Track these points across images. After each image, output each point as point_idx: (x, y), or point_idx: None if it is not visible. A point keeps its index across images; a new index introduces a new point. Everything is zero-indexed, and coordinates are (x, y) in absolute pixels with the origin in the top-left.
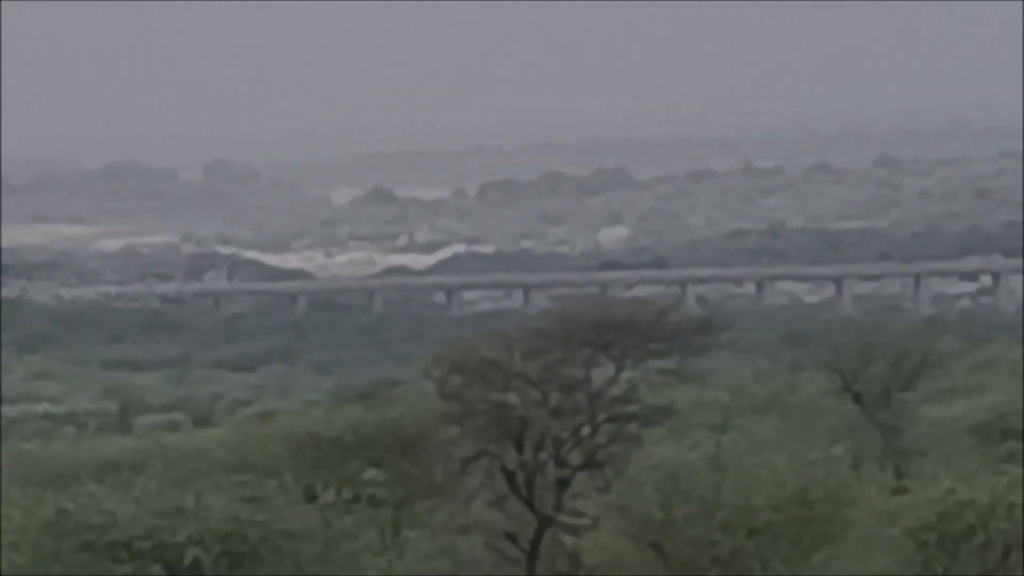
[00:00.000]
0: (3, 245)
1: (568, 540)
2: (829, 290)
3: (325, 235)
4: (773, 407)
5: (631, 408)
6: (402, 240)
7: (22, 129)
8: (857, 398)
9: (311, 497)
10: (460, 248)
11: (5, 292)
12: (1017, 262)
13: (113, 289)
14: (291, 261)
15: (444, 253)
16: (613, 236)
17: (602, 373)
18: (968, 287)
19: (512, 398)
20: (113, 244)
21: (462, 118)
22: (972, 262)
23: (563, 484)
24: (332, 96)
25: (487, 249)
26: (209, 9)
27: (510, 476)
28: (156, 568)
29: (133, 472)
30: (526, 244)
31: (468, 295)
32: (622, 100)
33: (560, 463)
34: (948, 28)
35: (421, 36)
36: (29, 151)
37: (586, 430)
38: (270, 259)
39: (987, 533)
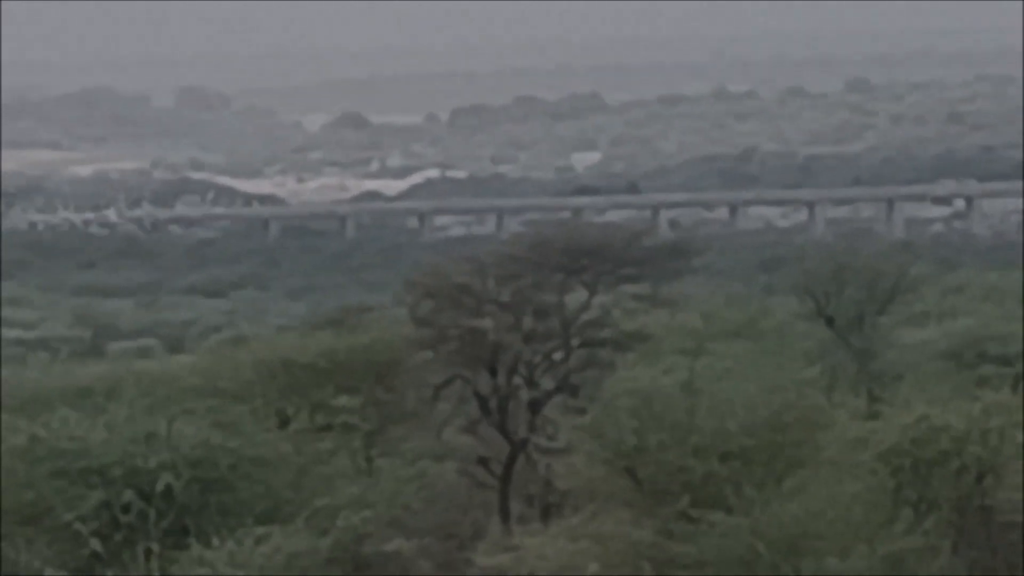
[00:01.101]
0: None
1: (542, 465)
2: (802, 214)
3: (297, 160)
4: (746, 332)
5: (604, 333)
6: (374, 165)
7: None
8: (830, 322)
9: (283, 423)
10: (432, 173)
11: None
12: (990, 186)
13: (85, 216)
14: (263, 187)
15: (416, 178)
16: (585, 161)
17: (575, 298)
18: (941, 211)
19: (485, 323)
20: (85, 170)
21: (434, 42)
22: (945, 186)
23: (536, 408)
24: (304, 20)
25: (459, 174)
26: None
27: (483, 401)
28: (128, 494)
29: (105, 398)
30: (499, 169)
31: (440, 220)
32: (594, 24)
33: (533, 388)
34: None
35: None
36: (2, 76)
37: (559, 355)
38: (242, 185)
39: (961, 458)
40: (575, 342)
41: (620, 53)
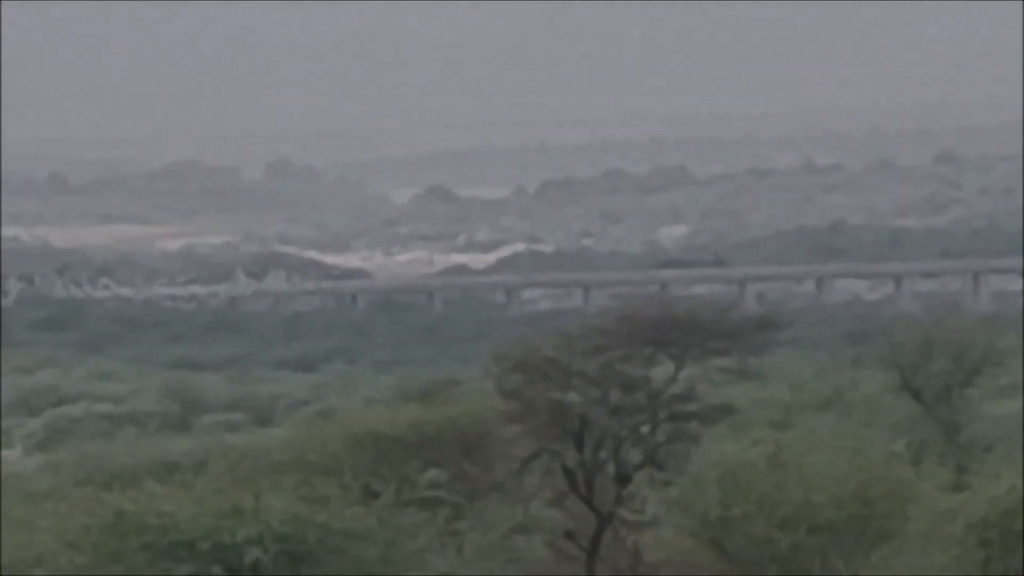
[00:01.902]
0: (68, 245)
1: (629, 538)
2: (889, 287)
3: (385, 234)
4: (834, 404)
5: (691, 406)
6: (462, 239)
7: (86, 130)
8: (917, 395)
9: (371, 496)
10: (520, 247)
11: (67, 292)
12: None
13: (175, 290)
14: (351, 260)
15: (504, 252)
16: (673, 234)
17: (662, 372)
18: None
19: (572, 396)
20: (174, 244)
21: (523, 116)
22: None
23: (623, 481)
24: (394, 94)
25: (547, 248)
26: (272, 9)
27: (570, 475)
28: (216, 568)
29: (194, 472)
30: (586, 242)
31: (528, 294)
32: (683, 97)
33: (620, 462)
34: (1011, 24)
35: (482, 33)
36: (93, 151)
37: (646, 428)
38: (331, 258)
39: None
40: (662, 415)
41: (709, 126)
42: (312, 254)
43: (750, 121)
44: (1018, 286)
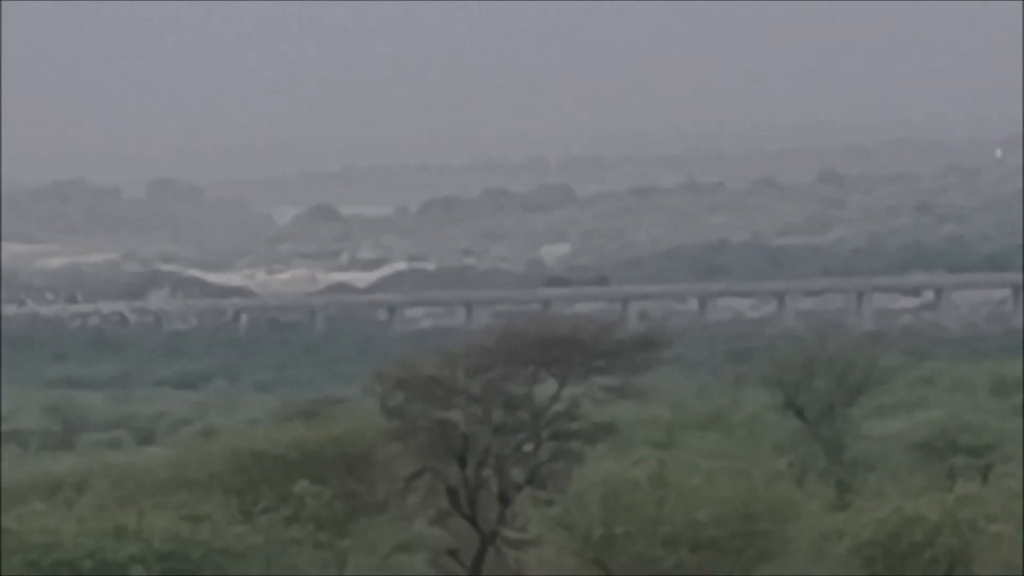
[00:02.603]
0: None
1: (512, 556)
2: (772, 306)
3: (268, 253)
4: (716, 423)
5: (574, 425)
6: (344, 258)
7: None
8: (800, 413)
9: (253, 515)
10: (402, 265)
11: None
12: (960, 278)
13: (55, 308)
14: (234, 279)
15: (386, 270)
16: (556, 253)
17: (545, 390)
18: (911, 302)
19: (455, 415)
20: (56, 262)
21: (405, 135)
22: (915, 278)
23: (506, 500)
24: (276, 113)
25: (429, 266)
26: (151, 24)
27: (452, 493)
28: None
29: (76, 490)
30: (468, 261)
31: (411, 312)
32: (566, 116)
33: (503, 480)
34: (891, 43)
35: (362, 51)
36: None
37: (529, 447)
38: (213, 277)
39: (934, 549)
40: (545, 434)
41: (591, 146)
42: (194, 272)
43: (633, 140)
44: (900, 304)
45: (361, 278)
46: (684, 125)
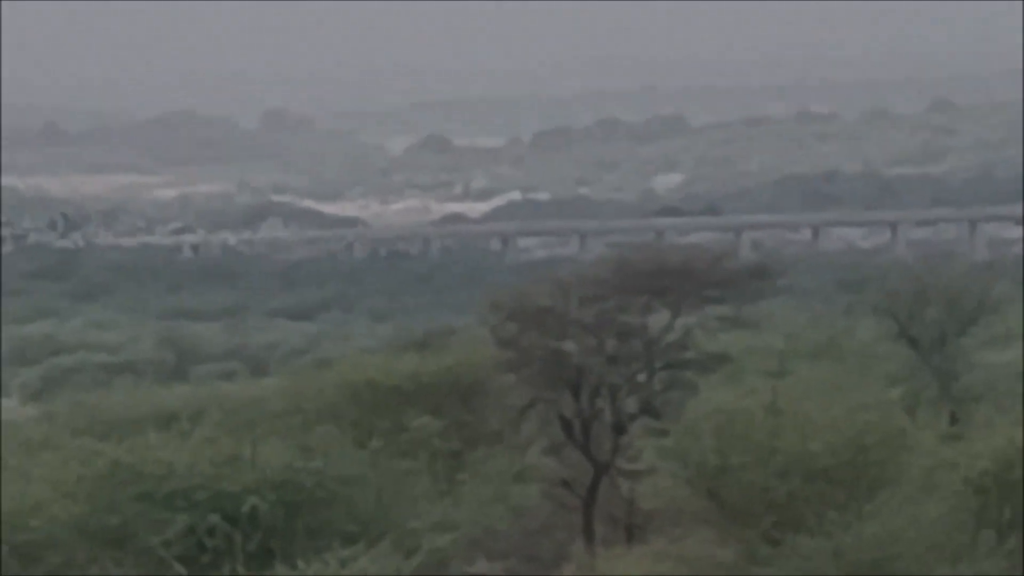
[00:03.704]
0: (63, 195)
1: (625, 486)
2: (884, 235)
3: (380, 183)
4: (828, 352)
5: (687, 355)
6: (457, 188)
7: (77, 78)
8: (912, 343)
9: (367, 444)
10: (515, 196)
11: (63, 242)
12: None
13: (170, 239)
14: (347, 209)
15: (499, 201)
16: (668, 183)
17: (658, 320)
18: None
19: (568, 345)
20: (169, 193)
21: (517, 64)
22: None
23: (619, 430)
24: (387, 43)
25: (542, 196)
26: None
27: (566, 424)
28: (213, 517)
29: (190, 422)
30: (581, 191)
31: (524, 242)
32: (677, 46)
33: (616, 411)
34: None
35: None
36: (85, 100)
37: (642, 377)
38: (326, 207)
39: None
40: (658, 364)
41: (703, 75)
42: (308, 203)
43: (744, 69)
44: (1014, 234)
45: (474, 208)
46: (796, 54)
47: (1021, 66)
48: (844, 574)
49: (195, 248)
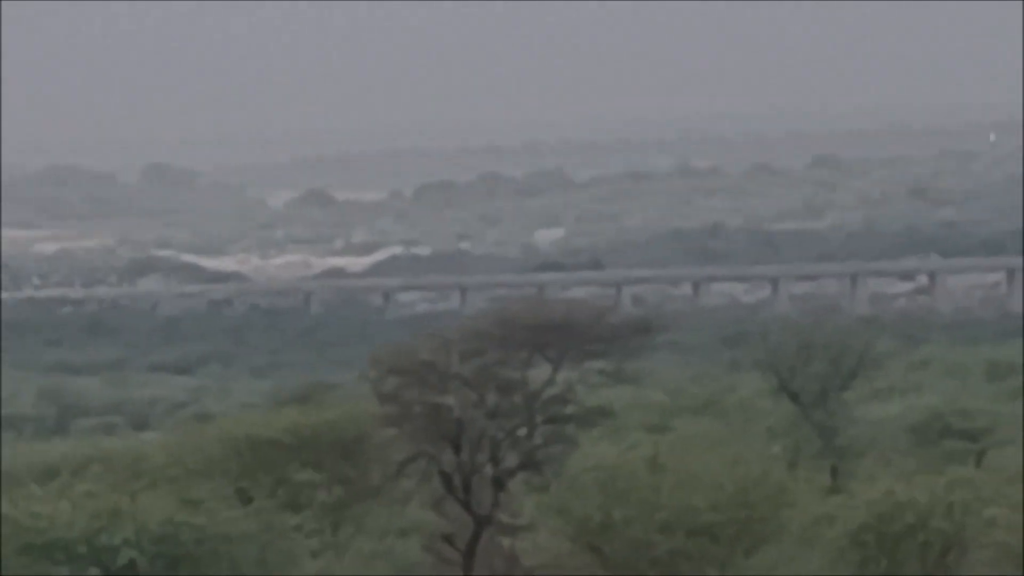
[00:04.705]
0: None
1: (506, 541)
2: (766, 290)
3: (262, 237)
4: (711, 408)
5: (568, 409)
6: (339, 242)
7: None
8: (795, 398)
9: (249, 499)
10: (397, 250)
11: None
12: (954, 262)
13: (51, 293)
14: (228, 264)
15: (381, 255)
16: (550, 237)
17: (539, 374)
18: (905, 287)
19: (449, 400)
20: (51, 247)
21: (399, 120)
22: (909, 262)
23: (500, 485)
24: (269, 99)
25: (424, 251)
26: (148, 9)
27: (447, 478)
28: (93, 570)
29: (72, 475)
30: (463, 245)
31: (405, 297)
32: (560, 101)
33: (497, 464)
34: (888, 29)
35: (356, 38)
36: None
37: (523, 431)
38: (207, 262)
39: (926, 533)
40: (539, 418)
41: (586, 130)
42: (189, 258)
43: (627, 124)
44: (895, 289)
45: (356, 263)
46: (679, 109)
47: (904, 121)
48: None
49: (76, 303)
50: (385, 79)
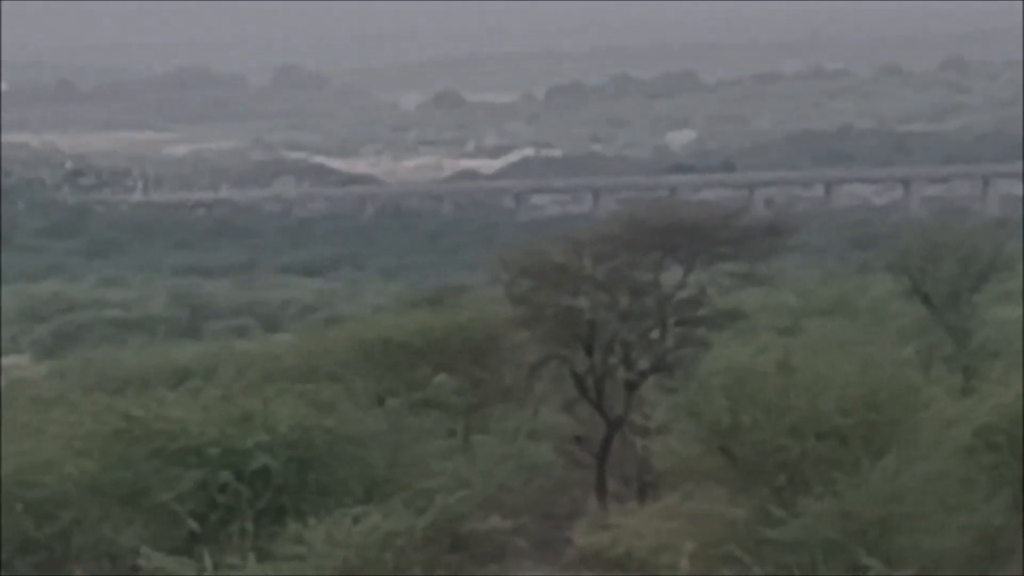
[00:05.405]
0: (75, 151)
1: (639, 443)
2: (897, 192)
3: (393, 140)
4: (841, 309)
5: (700, 311)
6: (470, 144)
7: (89, 36)
8: (926, 300)
9: (380, 402)
10: (528, 152)
11: (76, 198)
12: None
13: (182, 195)
14: (359, 166)
15: (512, 157)
16: (681, 139)
17: (671, 277)
18: None
19: (581, 302)
20: (181, 150)
21: (529, 21)
22: None
23: (632, 387)
24: (399, 1)
25: (555, 153)
26: None
27: (579, 380)
28: (225, 474)
29: (203, 378)
30: (594, 147)
31: (537, 199)
32: (689, 2)
33: (629, 367)
34: None
35: None
36: (97, 57)
37: (655, 333)
38: (338, 164)
39: None
40: (671, 321)
41: (715, 32)
42: (320, 160)
43: (755, 26)
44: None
45: (487, 165)
46: (808, 11)
47: None
48: (852, 531)
49: (207, 205)
50: None
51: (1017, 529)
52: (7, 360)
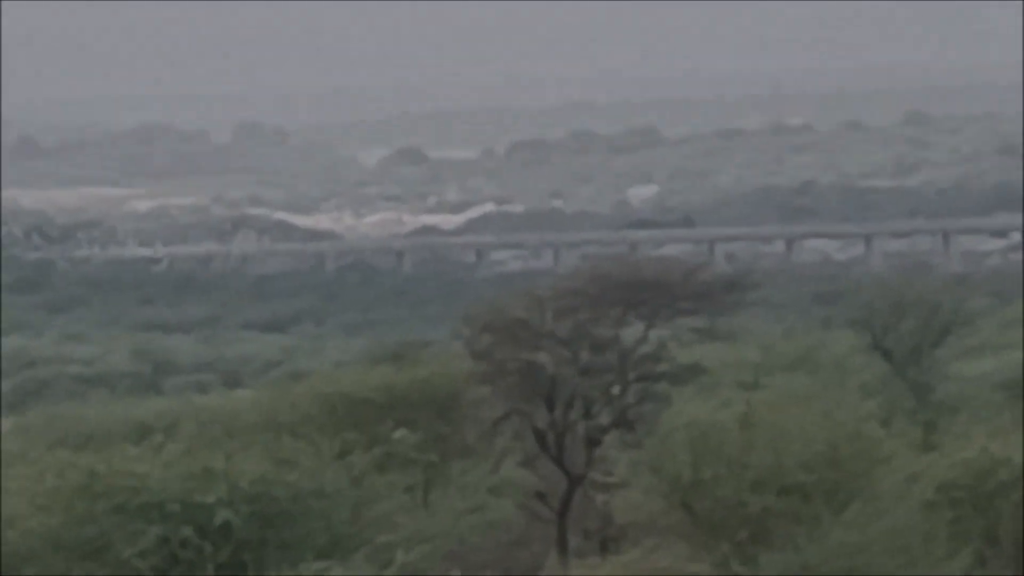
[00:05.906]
0: (35, 207)
1: (600, 499)
2: (859, 248)
3: (355, 195)
4: (803, 365)
5: (661, 367)
6: (431, 200)
7: (53, 92)
8: (887, 355)
9: (342, 457)
10: (490, 207)
11: (37, 255)
12: None
13: (143, 251)
14: (321, 222)
15: (473, 213)
16: (643, 194)
17: (632, 332)
18: (997, 244)
19: (542, 357)
20: (144, 205)
21: (491, 77)
22: (1001, 219)
23: (593, 443)
24: (362, 57)
25: (516, 208)
26: None
27: (540, 435)
28: (187, 529)
29: (164, 434)
30: (556, 203)
31: (498, 255)
32: (651, 58)
33: (590, 423)
34: None
35: None
36: (60, 114)
37: (616, 389)
38: (300, 220)
39: (1021, 490)
40: (632, 376)
41: (677, 87)
42: (281, 216)
43: (718, 82)
44: (987, 246)
45: (448, 220)
46: (770, 67)
47: (994, 78)
48: None
49: (169, 261)
50: (477, 36)
51: None
52: None
